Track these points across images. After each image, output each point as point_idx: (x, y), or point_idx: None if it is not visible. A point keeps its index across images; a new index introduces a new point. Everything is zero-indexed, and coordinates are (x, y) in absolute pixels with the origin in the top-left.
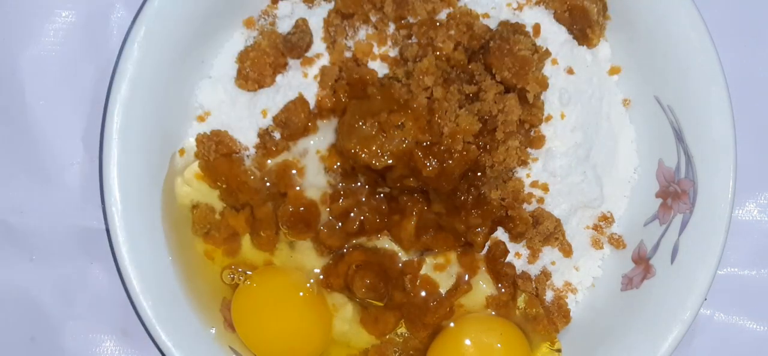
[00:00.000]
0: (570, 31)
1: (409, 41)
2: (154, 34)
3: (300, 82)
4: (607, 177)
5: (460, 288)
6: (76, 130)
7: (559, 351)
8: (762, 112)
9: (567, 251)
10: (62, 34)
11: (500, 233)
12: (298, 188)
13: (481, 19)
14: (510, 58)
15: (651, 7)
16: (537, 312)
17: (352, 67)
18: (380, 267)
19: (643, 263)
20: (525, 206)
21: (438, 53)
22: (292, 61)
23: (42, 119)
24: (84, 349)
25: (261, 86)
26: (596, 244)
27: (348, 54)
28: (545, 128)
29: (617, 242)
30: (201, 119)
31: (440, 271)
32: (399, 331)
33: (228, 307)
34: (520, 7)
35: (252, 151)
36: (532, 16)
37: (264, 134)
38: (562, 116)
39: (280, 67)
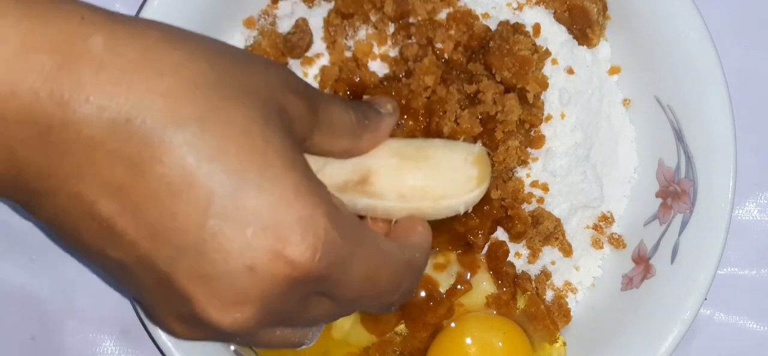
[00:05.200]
0: (570, 31)
1: (409, 41)
2: None
3: None
4: (607, 177)
5: (460, 287)
6: None
7: (564, 344)
8: (762, 112)
9: (567, 251)
10: None
11: (500, 233)
12: None
13: (481, 19)
14: (510, 58)
15: (651, 7)
16: (537, 311)
17: (352, 68)
18: None
19: (643, 263)
20: (525, 206)
21: (438, 53)
22: (292, 61)
23: None
24: (84, 349)
25: None
26: (596, 244)
27: (348, 54)
28: (545, 128)
29: (617, 242)
30: None
31: (440, 271)
32: (398, 330)
33: None
34: (520, 7)
35: None
36: (532, 16)
37: None
38: (562, 116)
39: None
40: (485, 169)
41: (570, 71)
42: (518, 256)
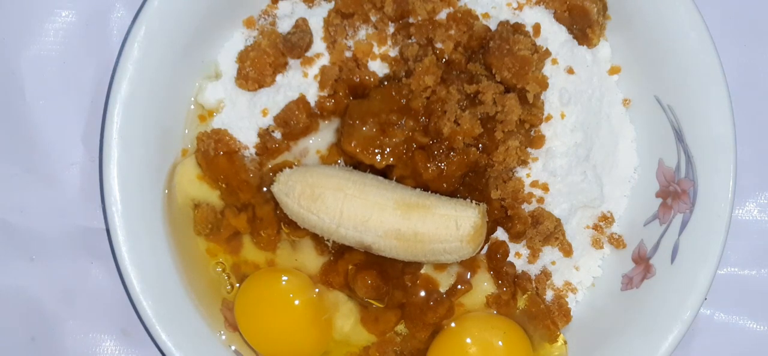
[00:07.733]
0: (570, 31)
1: (409, 41)
2: (154, 34)
3: (300, 82)
4: (607, 177)
5: (460, 287)
6: (76, 130)
7: (565, 343)
8: (762, 112)
9: (567, 250)
10: (62, 34)
11: (500, 233)
12: None
13: (481, 19)
14: (510, 58)
15: (651, 7)
16: (537, 311)
17: (352, 69)
18: (380, 266)
19: (643, 262)
20: (525, 206)
21: (438, 53)
22: (292, 61)
23: (42, 119)
24: (84, 349)
25: (261, 86)
26: (596, 244)
27: (348, 54)
28: (545, 128)
29: (617, 242)
30: (202, 118)
31: (440, 271)
32: (398, 330)
33: (229, 307)
34: (520, 7)
35: (252, 150)
36: (532, 16)
37: (264, 134)
38: (562, 116)
39: (280, 66)
40: (481, 231)
41: (570, 71)
42: (518, 256)
